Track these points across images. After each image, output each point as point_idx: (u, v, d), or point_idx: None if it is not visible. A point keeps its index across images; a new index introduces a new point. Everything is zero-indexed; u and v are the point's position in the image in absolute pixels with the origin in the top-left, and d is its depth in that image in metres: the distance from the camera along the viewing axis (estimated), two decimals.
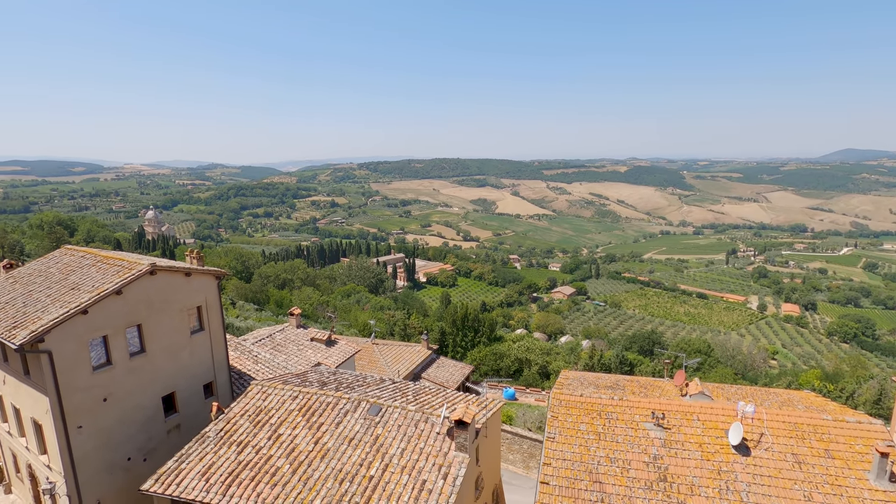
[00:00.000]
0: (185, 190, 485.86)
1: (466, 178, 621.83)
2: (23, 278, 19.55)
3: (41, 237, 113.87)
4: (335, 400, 17.00)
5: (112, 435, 17.64)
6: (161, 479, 15.08)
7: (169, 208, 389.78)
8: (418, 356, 35.44)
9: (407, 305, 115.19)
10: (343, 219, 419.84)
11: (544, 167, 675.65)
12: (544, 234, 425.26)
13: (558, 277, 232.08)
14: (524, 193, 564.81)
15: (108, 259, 19.12)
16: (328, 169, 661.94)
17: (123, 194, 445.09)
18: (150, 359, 18.57)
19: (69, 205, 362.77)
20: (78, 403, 16.53)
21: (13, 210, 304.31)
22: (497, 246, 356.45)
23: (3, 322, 16.48)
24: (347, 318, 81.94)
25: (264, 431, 16.15)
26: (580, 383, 19.83)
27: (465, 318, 63.53)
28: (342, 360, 27.04)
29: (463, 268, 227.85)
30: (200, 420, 19.93)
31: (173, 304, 19.17)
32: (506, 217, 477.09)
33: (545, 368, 53.28)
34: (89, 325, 16.57)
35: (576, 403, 16.33)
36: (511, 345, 58.65)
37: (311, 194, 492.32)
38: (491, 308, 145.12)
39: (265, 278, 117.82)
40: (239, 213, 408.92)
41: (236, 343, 25.23)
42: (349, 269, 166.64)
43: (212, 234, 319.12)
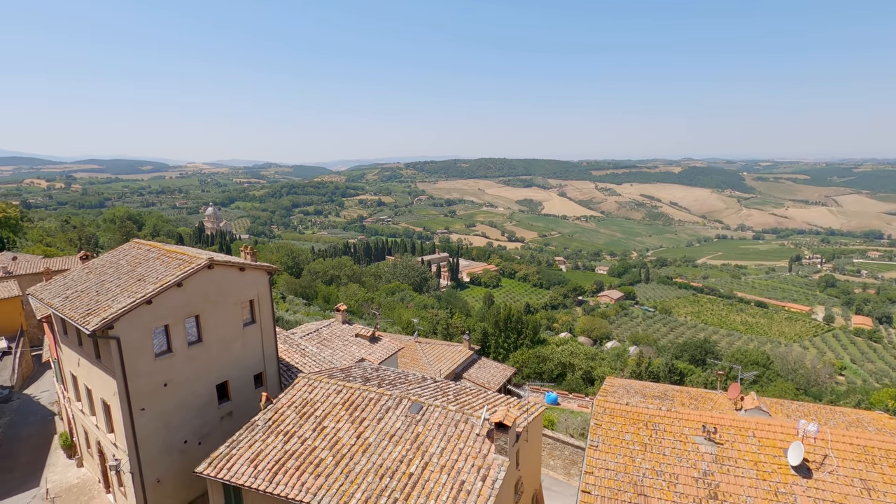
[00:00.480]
0: (242, 188, 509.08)
1: (512, 178, 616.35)
2: (96, 269, 21.11)
3: (113, 231, 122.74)
4: (377, 396, 17.30)
5: (171, 418, 18.75)
6: (214, 462, 15.88)
7: (227, 205, 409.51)
8: (460, 356, 35.49)
9: (450, 305, 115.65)
10: (389, 217, 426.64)
11: (593, 167, 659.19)
12: (591, 236, 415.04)
13: (605, 281, 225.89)
14: (571, 194, 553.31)
15: (170, 253, 20.33)
16: (376, 168, 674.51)
17: (186, 191, 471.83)
18: (207, 348, 19.58)
19: (138, 201, 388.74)
20: (141, 387, 17.68)
21: (90, 205, 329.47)
22: (542, 247, 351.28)
23: (79, 309, 17.86)
24: (391, 316, 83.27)
25: (309, 423, 16.66)
26: (626, 391, 19.20)
27: (507, 320, 63.01)
28: (385, 357, 27.49)
29: (507, 268, 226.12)
30: (250, 408, 20.82)
31: (228, 296, 20.13)
32: (552, 218, 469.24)
33: (589, 374, 52.01)
34: (153, 314, 17.68)
35: (621, 412, 15.83)
36: (554, 348, 57.64)
37: (359, 193, 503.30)
38: (535, 310, 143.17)
39: (314, 274, 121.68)
40: (291, 210, 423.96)
41: (285, 336, 26.17)
42: (394, 268, 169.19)
43: (265, 231, 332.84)
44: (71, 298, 18.93)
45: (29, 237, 79.28)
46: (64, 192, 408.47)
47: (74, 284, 20.17)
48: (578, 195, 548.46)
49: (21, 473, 24.62)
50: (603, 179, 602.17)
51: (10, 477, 24.42)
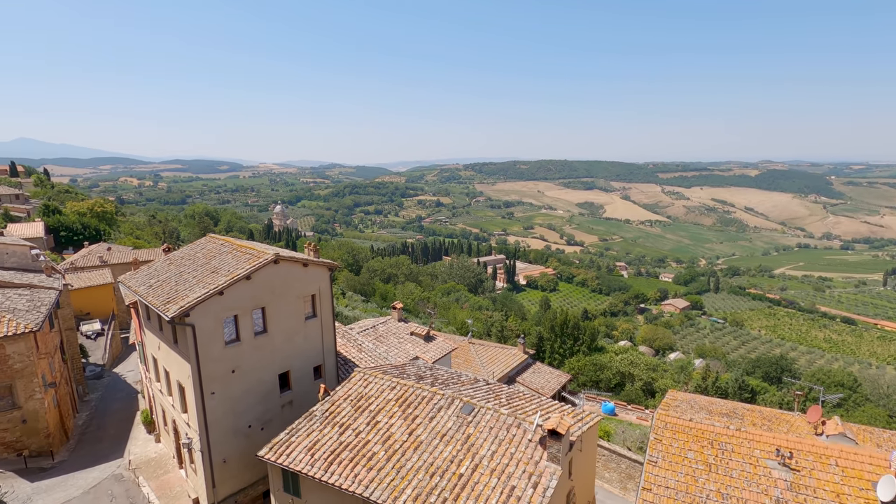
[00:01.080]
0: (308, 187, 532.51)
1: (573, 180, 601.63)
2: (177, 261, 22.83)
3: (192, 226, 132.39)
4: (430, 395, 17.45)
5: (237, 403, 19.91)
6: (274, 448, 16.69)
7: (293, 203, 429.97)
8: (514, 359, 35.09)
9: (505, 307, 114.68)
10: (447, 218, 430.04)
11: (659, 170, 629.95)
12: (656, 241, 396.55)
13: (670, 289, 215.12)
14: (635, 197, 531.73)
15: (241, 247, 21.60)
16: (435, 169, 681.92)
17: (257, 190, 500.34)
18: (271, 339, 20.62)
19: (215, 198, 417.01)
20: (212, 372, 18.91)
21: (174, 202, 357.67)
22: (603, 252, 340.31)
23: (161, 297, 19.40)
24: (446, 316, 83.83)
25: (364, 417, 17.10)
26: (690, 406, 18.15)
27: (564, 325, 61.51)
28: (439, 357, 27.69)
29: (565, 272, 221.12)
30: (309, 399, 21.68)
31: (292, 290, 21.08)
32: (614, 222, 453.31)
33: (650, 385, 49.70)
34: (224, 304, 18.86)
35: (683, 428, 14.98)
36: (613, 357, 55.56)
37: (418, 194, 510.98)
38: (593, 316, 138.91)
39: (372, 272, 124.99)
40: (352, 209, 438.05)
41: (343, 331, 27.03)
42: (450, 268, 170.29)
43: (328, 229, 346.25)
44: (154, 287, 20.59)
45: (121, 230, 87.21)
46: (152, 190, 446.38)
47: (157, 274, 21.93)
48: (643, 198, 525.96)
49: (109, 444, 27.10)
50: (670, 182, 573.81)
51: (100, 447, 26.95)
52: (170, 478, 23.21)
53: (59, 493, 21.96)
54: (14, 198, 79.27)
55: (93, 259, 51.23)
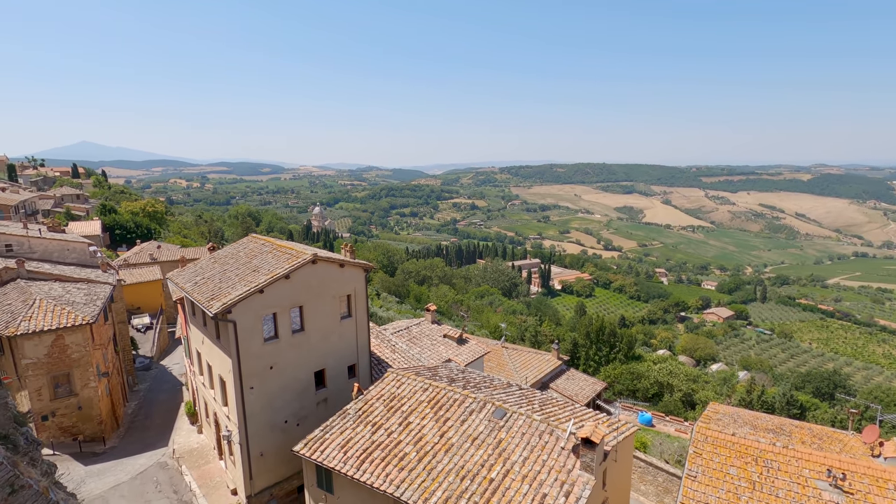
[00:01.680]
0: (345, 189, 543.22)
1: (612, 183, 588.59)
2: (220, 259, 23.75)
3: (236, 226, 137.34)
4: (462, 398, 17.43)
5: (274, 399, 20.48)
6: (309, 444, 17.06)
7: (331, 205, 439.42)
8: (547, 365, 34.60)
9: (539, 312, 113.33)
10: (482, 221, 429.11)
11: (703, 174, 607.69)
12: (699, 247, 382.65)
13: (713, 297, 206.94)
14: (677, 202, 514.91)
15: (281, 247, 22.25)
16: (470, 172, 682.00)
17: (297, 192, 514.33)
18: (308, 337, 21.12)
19: (257, 199, 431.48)
20: (251, 367, 19.53)
21: (219, 202, 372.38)
22: (642, 257, 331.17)
23: (205, 294, 20.21)
24: (479, 319, 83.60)
25: (396, 417, 17.25)
26: (733, 420, 17.40)
27: (600, 331, 60.18)
28: (471, 360, 27.63)
29: (602, 278, 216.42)
30: (343, 397, 22.06)
31: (328, 290, 21.54)
32: (654, 227, 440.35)
33: (690, 397, 47.93)
34: (264, 302, 19.46)
35: (725, 442, 14.37)
36: (651, 366, 53.90)
37: (454, 196, 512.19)
38: (630, 323, 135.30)
39: (407, 273, 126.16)
40: (388, 211, 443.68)
41: (377, 332, 27.38)
42: (484, 271, 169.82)
43: (364, 230, 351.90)
44: (199, 284, 21.48)
45: (170, 229, 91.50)
46: (199, 191, 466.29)
47: (202, 272, 22.86)
48: (685, 203, 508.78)
49: (155, 433, 28.43)
50: (714, 187, 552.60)
51: (147, 435, 28.31)
52: (210, 468, 24.11)
53: (110, 478, 23.18)
54: (75, 198, 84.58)
55: (144, 256, 53.97)
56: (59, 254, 33.38)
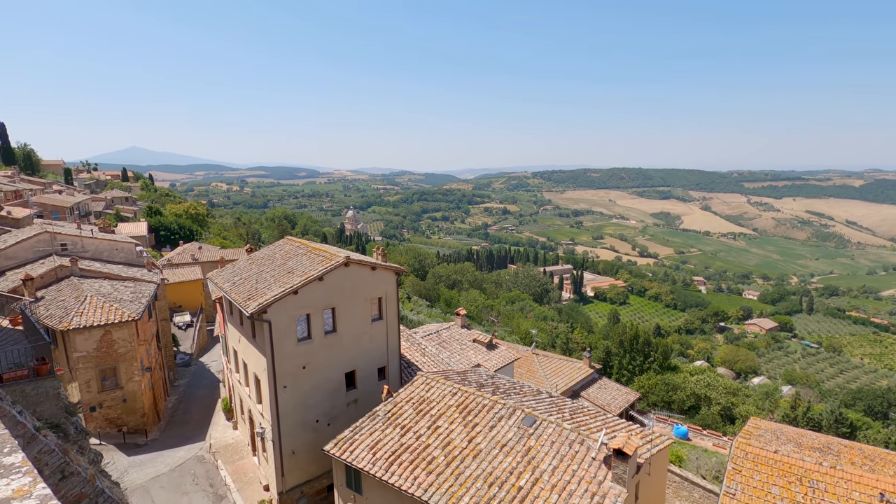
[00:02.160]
0: (378, 193, 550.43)
1: (648, 189, 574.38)
2: (257, 260, 24.47)
3: (272, 228, 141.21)
4: (491, 403, 17.32)
5: (307, 398, 20.89)
6: (339, 444, 17.31)
7: (364, 209, 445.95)
8: (579, 373, 33.99)
9: (571, 319, 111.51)
10: (513, 226, 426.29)
11: (745, 179, 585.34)
12: (740, 255, 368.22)
13: (755, 307, 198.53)
14: (717, 208, 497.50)
15: (315, 250, 22.73)
16: (503, 177, 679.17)
17: (331, 196, 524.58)
18: (339, 338, 21.46)
19: (293, 203, 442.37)
20: (285, 367, 20.00)
21: (256, 205, 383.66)
22: (679, 265, 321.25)
23: (242, 294, 20.85)
24: (510, 325, 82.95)
25: (425, 420, 17.29)
26: (775, 437, 16.61)
27: (634, 340, 58.72)
28: (501, 366, 27.43)
29: (636, 285, 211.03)
30: (373, 399, 22.28)
31: (360, 292, 21.85)
32: (692, 234, 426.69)
33: (729, 411, 46.10)
34: (298, 303, 19.92)
35: (767, 460, 13.74)
36: (688, 377, 52.15)
37: (485, 201, 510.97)
38: (666, 333, 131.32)
39: (438, 277, 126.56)
40: (420, 215, 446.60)
41: (407, 335, 27.55)
42: (515, 276, 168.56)
43: (396, 234, 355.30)
44: (237, 284, 22.18)
45: (211, 231, 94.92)
46: (238, 194, 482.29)
47: (240, 272, 23.60)
48: (725, 209, 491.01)
49: (193, 427, 29.46)
50: (757, 192, 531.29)
51: (186, 429, 29.36)
52: (244, 463, 24.78)
53: (150, 469, 24.16)
54: (124, 200, 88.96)
55: (186, 257, 56.16)
56: (108, 253, 35.15)
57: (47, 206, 54.87)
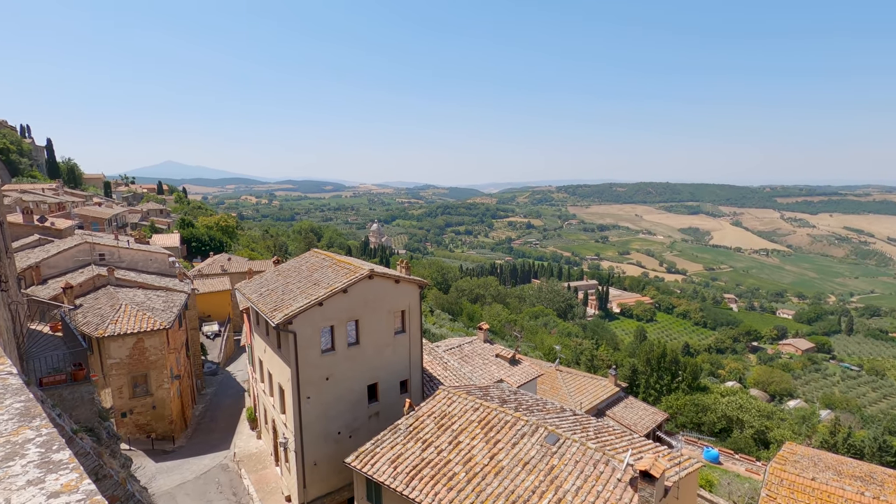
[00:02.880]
0: (403, 207, 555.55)
1: (676, 203, 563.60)
2: (284, 272, 24.96)
3: (299, 240, 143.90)
4: (514, 420, 17.10)
5: (329, 409, 21.04)
6: (360, 456, 17.33)
7: (388, 222, 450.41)
8: (604, 391, 33.27)
9: (596, 335, 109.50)
10: (537, 241, 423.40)
11: (778, 194, 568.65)
12: (773, 272, 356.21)
13: (790, 327, 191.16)
14: (748, 224, 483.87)
15: (340, 262, 23.07)
16: (527, 191, 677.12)
17: (357, 209, 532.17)
18: (362, 350, 21.62)
19: (319, 216, 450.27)
20: (309, 377, 20.23)
21: (284, 218, 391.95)
22: (709, 281, 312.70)
23: (269, 304, 21.27)
24: (533, 340, 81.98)
25: (446, 435, 17.18)
26: (812, 463, 15.87)
27: (661, 358, 57.17)
28: (524, 381, 27.09)
29: (664, 302, 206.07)
30: (395, 412, 22.28)
31: (383, 305, 22.02)
32: (722, 250, 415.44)
33: (763, 434, 44.23)
34: (322, 315, 20.19)
35: (804, 487, 13.14)
36: (718, 398, 50.37)
37: (509, 215, 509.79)
38: (695, 352, 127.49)
39: (460, 291, 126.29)
40: (443, 229, 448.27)
41: (430, 348, 27.54)
42: (539, 291, 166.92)
43: (420, 247, 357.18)
44: (264, 295, 22.65)
45: (240, 242, 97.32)
46: (266, 207, 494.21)
47: (267, 284, 24.11)
48: (757, 225, 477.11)
49: (219, 436, 29.94)
50: (791, 208, 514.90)
51: (212, 437, 29.86)
52: (267, 473, 25.00)
53: (177, 476, 24.61)
54: (159, 212, 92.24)
55: (215, 268, 57.64)
56: (143, 263, 36.41)
57: (87, 218, 57.31)
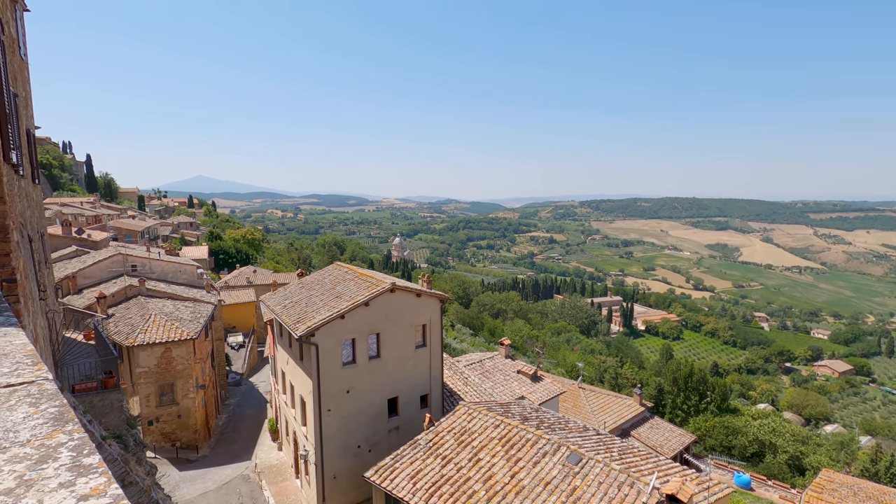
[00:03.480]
0: (425, 221, 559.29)
1: (703, 219, 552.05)
2: (307, 284, 25.31)
3: (322, 253, 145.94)
4: (535, 438, 16.81)
5: (349, 422, 21.06)
6: (380, 471, 17.24)
7: (411, 236, 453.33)
8: (629, 410, 32.44)
9: (620, 353, 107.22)
10: (560, 256, 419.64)
11: (811, 209, 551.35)
12: (807, 291, 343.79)
13: (826, 348, 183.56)
14: (780, 240, 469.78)
15: (362, 276, 23.29)
16: (549, 206, 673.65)
17: (379, 223, 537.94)
18: (383, 364, 21.65)
19: (343, 229, 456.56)
20: (330, 390, 20.33)
21: (308, 231, 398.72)
22: (738, 299, 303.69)
23: (292, 316, 21.56)
24: (555, 357, 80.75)
25: (466, 452, 16.98)
26: (852, 492, 15.08)
27: (689, 378, 55.50)
28: (546, 399, 26.65)
29: (691, 320, 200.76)
30: (414, 427, 22.16)
31: (405, 319, 22.07)
32: (752, 267, 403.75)
33: (798, 460, 42.31)
34: (344, 327, 20.35)
35: None
36: (750, 421, 48.50)
37: (531, 230, 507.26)
38: (725, 372, 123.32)
39: (482, 306, 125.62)
40: (465, 243, 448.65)
41: (450, 363, 27.39)
42: (561, 307, 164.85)
43: (441, 261, 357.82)
44: (287, 307, 22.98)
45: (265, 255, 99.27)
46: (292, 221, 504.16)
47: (291, 296, 24.47)
48: (789, 241, 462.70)
49: (241, 446, 30.24)
50: (825, 224, 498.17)
51: (234, 447, 30.18)
52: (287, 485, 25.07)
53: (199, 485, 24.89)
54: (189, 225, 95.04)
55: (241, 280, 58.85)
56: (172, 274, 37.45)
57: (122, 230, 59.44)
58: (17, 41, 11.33)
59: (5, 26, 8.80)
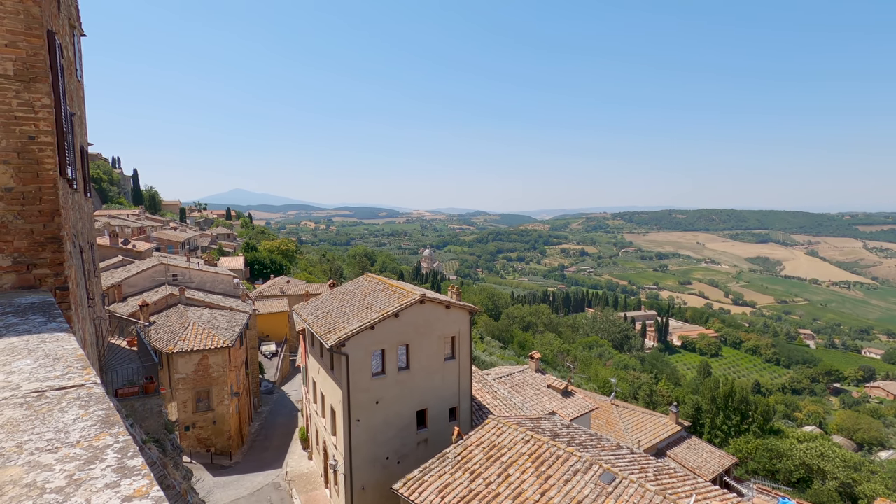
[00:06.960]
0: (454, 233, 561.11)
1: (742, 231, 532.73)
2: (339, 295, 25.70)
3: (353, 265, 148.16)
4: (566, 455, 16.42)
5: (378, 434, 21.11)
6: (408, 484, 17.16)
7: (440, 248, 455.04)
8: (664, 429, 31.32)
9: (655, 369, 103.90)
10: (591, 268, 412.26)
11: (859, 221, 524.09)
12: (856, 307, 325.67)
13: (878, 368, 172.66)
14: (826, 253, 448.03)
15: (392, 287, 23.48)
16: (580, 218, 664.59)
17: (409, 235, 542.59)
18: (412, 375, 21.67)
19: (373, 241, 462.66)
20: (359, 401, 20.47)
21: (340, 243, 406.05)
22: (781, 315, 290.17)
23: (324, 327, 21.90)
24: (587, 372, 78.95)
25: (495, 467, 16.72)
26: None
27: (729, 397, 53.21)
28: (577, 415, 26.05)
29: (730, 336, 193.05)
30: (443, 440, 22.01)
31: (434, 330, 22.08)
32: (795, 281, 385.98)
33: (850, 488, 39.77)
34: (374, 338, 20.52)
35: None
36: (796, 444, 45.97)
37: (562, 242, 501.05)
38: (767, 391, 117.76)
39: (511, 319, 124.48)
40: (495, 255, 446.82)
41: (479, 376, 27.17)
42: (593, 321, 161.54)
43: (471, 273, 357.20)
44: (319, 317, 23.36)
45: (298, 266, 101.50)
46: (324, 232, 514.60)
47: (323, 306, 24.88)
48: (836, 255, 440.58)
49: (272, 454, 30.71)
50: (875, 237, 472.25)
51: (266, 455, 30.68)
52: (316, 494, 25.25)
53: (232, 491, 25.37)
54: (227, 236, 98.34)
55: (275, 290, 60.28)
56: (210, 284, 38.72)
57: (164, 241, 62.03)
58: (75, 63, 12.11)
59: (65, 51, 9.43)
